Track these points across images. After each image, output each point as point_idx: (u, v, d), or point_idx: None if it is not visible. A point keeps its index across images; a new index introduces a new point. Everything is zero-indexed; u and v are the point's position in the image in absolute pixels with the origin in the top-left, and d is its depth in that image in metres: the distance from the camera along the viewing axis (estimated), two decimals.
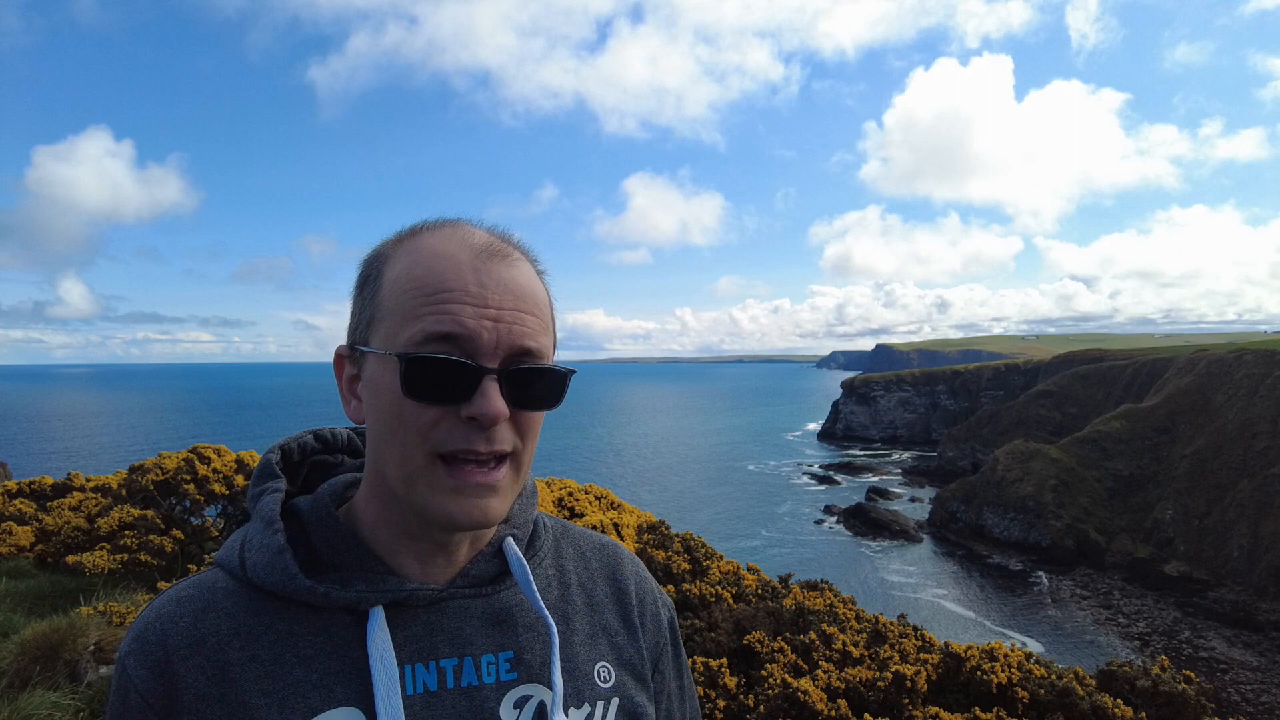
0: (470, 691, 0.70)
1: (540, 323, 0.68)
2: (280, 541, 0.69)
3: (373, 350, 0.67)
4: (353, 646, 0.67)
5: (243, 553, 0.70)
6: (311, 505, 0.74)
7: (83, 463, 48.92)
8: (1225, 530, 31.47)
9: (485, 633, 0.73)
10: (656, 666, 0.85)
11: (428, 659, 0.69)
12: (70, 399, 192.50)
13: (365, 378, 0.68)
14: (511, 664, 0.72)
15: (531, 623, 0.75)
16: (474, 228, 0.70)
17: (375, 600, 0.68)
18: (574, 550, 0.85)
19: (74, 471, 8.28)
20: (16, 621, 4.31)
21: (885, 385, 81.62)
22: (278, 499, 0.73)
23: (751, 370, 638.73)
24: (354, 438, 0.85)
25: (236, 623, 0.67)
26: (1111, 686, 4.86)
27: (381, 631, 0.67)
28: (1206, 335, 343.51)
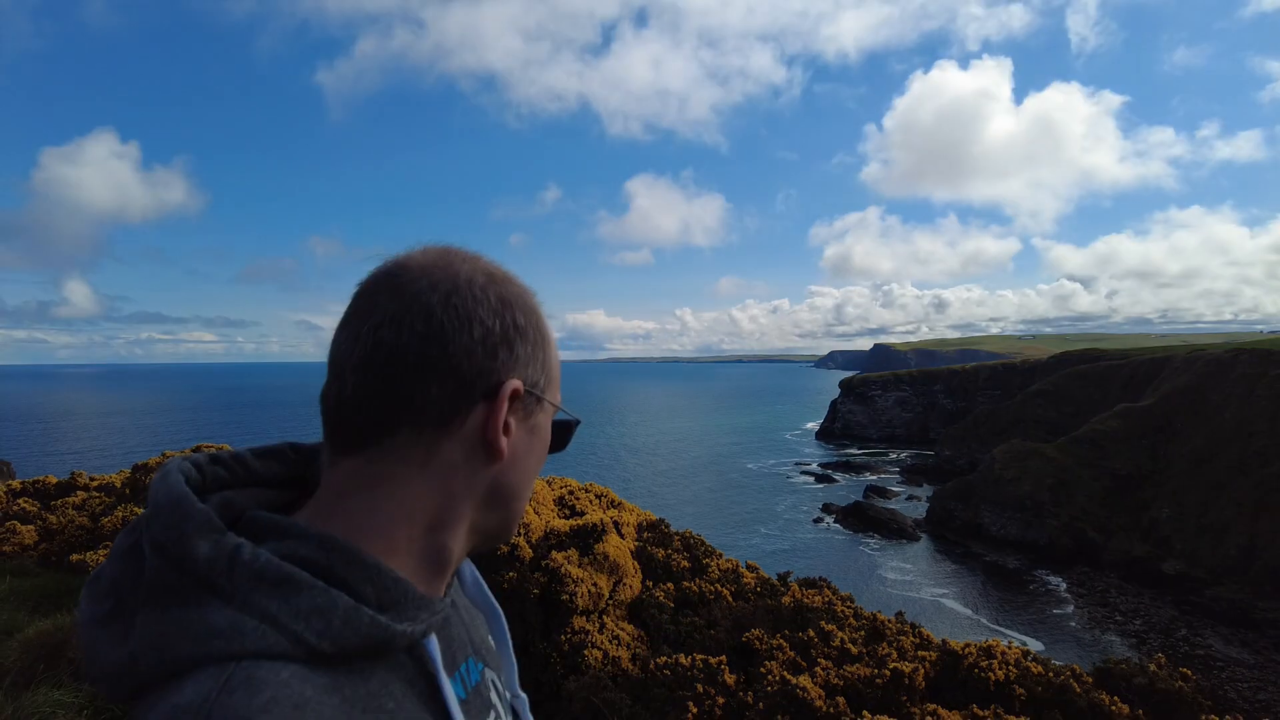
0: (479, 688, 0.75)
1: None
2: (345, 599, 0.59)
3: (551, 402, 0.77)
4: (416, 680, 0.65)
5: (283, 626, 0.57)
6: (325, 549, 0.62)
7: (86, 462, 48.84)
8: (1222, 529, 31.52)
9: (468, 631, 0.79)
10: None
11: (452, 670, 0.72)
12: (74, 399, 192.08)
13: (534, 424, 0.75)
14: (475, 655, 0.78)
15: (471, 613, 0.82)
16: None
17: (433, 626, 0.67)
18: None
19: (77, 471, 8.29)
20: (20, 620, 4.33)
21: (883, 385, 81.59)
22: (273, 555, 0.59)
23: (751, 370, 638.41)
24: (196, 471, 0.67)
25: (333, 707, 0.57)
26: (1108, 684, 4.89)
27: (438, 658, 0.66)
28: (1203, 335, 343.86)
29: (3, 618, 4.38)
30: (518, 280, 0.75)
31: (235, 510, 0.65)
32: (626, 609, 6.14)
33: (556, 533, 6.69)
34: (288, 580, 0.58)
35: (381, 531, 0.65)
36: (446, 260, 0.70)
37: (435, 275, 0.68)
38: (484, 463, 0.69)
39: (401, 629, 0.62)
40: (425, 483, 0.67)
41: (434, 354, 0.65)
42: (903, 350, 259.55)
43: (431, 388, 0.65)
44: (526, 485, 0.75)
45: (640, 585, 6.42)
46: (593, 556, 6.16)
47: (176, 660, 0.55)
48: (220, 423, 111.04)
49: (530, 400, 0.72)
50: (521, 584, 5.84)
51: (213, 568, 0.57)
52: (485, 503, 0.71)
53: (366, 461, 0.66)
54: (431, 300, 0.66)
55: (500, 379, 0.68)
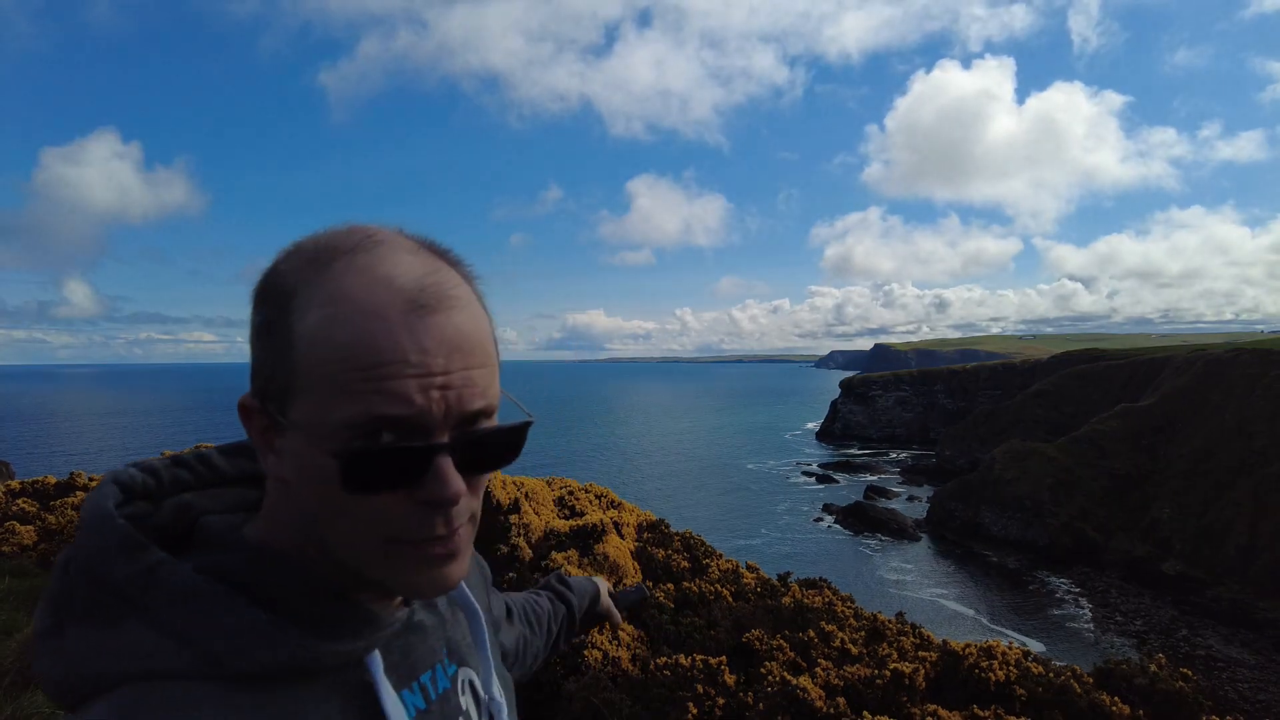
0: (446, 696, 0.71)
1: (489, 371, 0.58)
2: (260, 614, 0.55)
3: (294, 427, 0.54)
4: (354, 696, 0.61)
5: (194, 645, 0.54)
6: (251, 562, 0.59)
7: (86, 462, 48.83)
8: (1222, 529, 31.53)
9: (436, 637, 0.74)
10: (495, 604, 0.98)
11: (410, 681, 0.68)
12: (73, 399, 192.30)
13: (289, 449, 0.56)
14: (450, 656, 0.75)
15: (451, 613, 0.78)
16: (397, 251, 0.57)
17: (375, 643, 0.62)
18: None
19: (77, 471, 8.30)
20: (20, 620, 4.32)
21: (883, 385, 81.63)
22: (189, 570, 0.55)
23: (751, 370, 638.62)
24: (145, 478, 0.64)
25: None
26: (1109, 684, 4.89)
27: (381, 674, 0.63)
28: (1204, 335, 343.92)
29: (2, 618, 4.38)
30: (322, 239, 0.57)
31: (193, 514, 0.63)
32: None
33: (556, 533, 6.70)
34: (206, 598, 0.54)
35: (287, 545, 0.60)
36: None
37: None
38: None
39: (332, 648, 0.58)
40: (292, 516, 0.61)
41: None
42: (903, 350, 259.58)
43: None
44: (329, 530, 0.57)
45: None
46: (592, 557, 6.16)
47: (99, 677, 0.53)
48: (220, 423, 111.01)
49: (273, 420, 0.56)
50: (521, 585, 5.84)
51: (131, 585, 0.54)
52: (301, 531, 0.60)
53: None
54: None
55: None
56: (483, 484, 0.61)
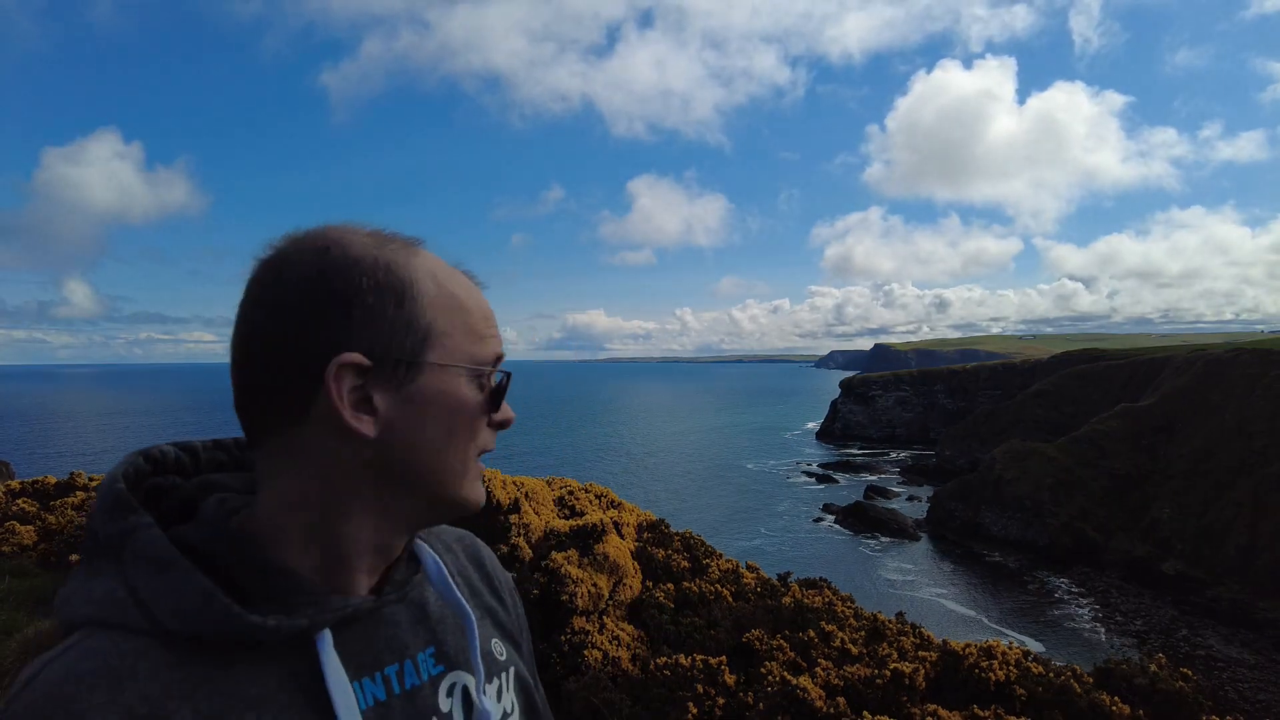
0: (413, 692, 0.72)
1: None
2: (203, 582, 0.60)
3: (438, 363, 0.67)
4: (301, 675, 0.64)
5: (143, 603, 0.60)
6: (221, 535, 0.65)
7: (85, 462, 48.84)
8: (1222, 529, 31.51)
9: (413, 632, 0.75)
10: (521, 630, 0.94)
11: (373, 670, 0.69)
12: (73, 399, 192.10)
13: (417, 391, 0.66)
14: (436, 657, 0.76)
15: (441, 615, 0.78)
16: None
17: (324, 623, 0.65)
18: (442, 544, 0.89)
19: (77, 471, 8.29)
20: (19, 620, 4.33)
21: (883, 385, 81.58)
22: (159, 535, 0.62)
23: (751, 370, 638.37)
24: (181, 455, 0.74)
25: (165, 684, 0.58)
26: (1109, 684, 4.89)
27: (333, 654, 0.65)
28: (1204, 335, 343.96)
29: (2, 618, 4.38)
30: (375, 238, 0.68)
31: (212, 490, 0.71)
32: (626, 609, 6.14)
33: (556, 533, 6.69)
34: (162, 560, 0.60)
35: (277, 523, 0.66)
36: (304, 234, 0.67)
37: (276, 256, 0.66)
38: (356, 446, 0.65)
39: (266, 622, 0.60)
40: (302, 474, 0.65)
41: (257, 346, 0.65)
42: (903, 350, 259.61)
43: (273, 377, 0.64)
44: (439, 461, 0.68)
45: (640, 586, 6.41)
46: (592, 557, 6.16)
47: (71, 621, 0.61)
48: (220, 422, 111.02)
49: (391, 368, 0.65)
50: (521, 584, 5.84)
51: (111, 542, 0.62)
52: (388, 488, 0.67)
53: (263, 455, 0.67)
54: (255, 290, 0.65)
55: (327, 354, 0.63)
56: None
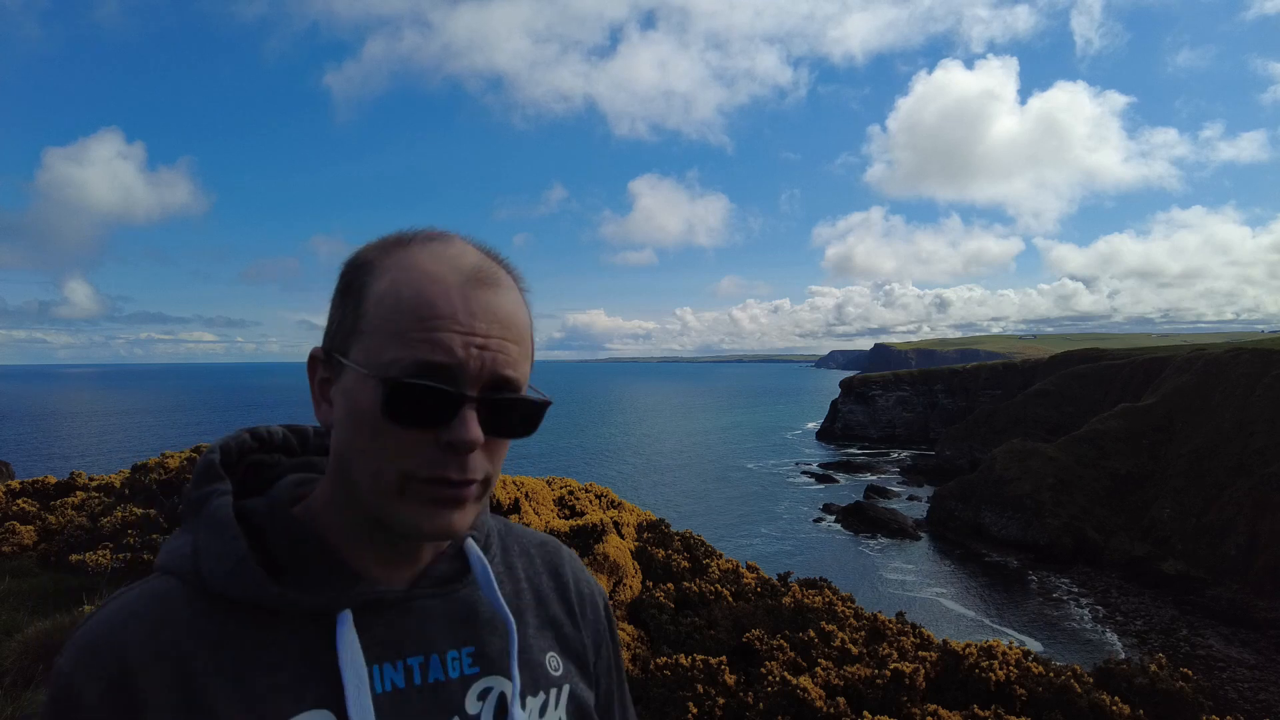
0: (436, 687, 0.72)
1: (521, 350, 0.69)
2: (242, 548, 0.67)
3: (351, 365, 0.66)
4: (320, 650, 0.67)
5: (197, 560, 0.68)
6: (269, 509, 0.73)
7: (86, 462, 48.84)
8: (1222, 528, 31.50)
9: (448, 630, 0.75)
10: (598, 653, 0.89)
11: (395, 658, 0.71)
12: (73, 399, 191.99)
13: (341, 388, 0.67)
14: (473, 658, 0.75)
15: (489, 618, 0.77)
16: (465, 244, 0.71)
17: (345, 603, 0.69)
18: (519, 548, 0.88)
19: (77, 471, 8.29)
20: (20, 620, 4.33)
21: (884, 385, 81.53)
22: (227, 502, 0.71)
23: (751, 370, 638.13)
24: (289, 436, 0.83)
25: (198, 633, 0.66)
26: (1109, 684, 4.89)
27: (350, 633, 0.68)
28: (1204, 335, 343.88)
29: (2, 618, 4.38)
30: (394, 236, 0.71)
31: (311, 470, 0.81)
32: (626, 609, 6.13)
33: (556, 533, 6.69)
34: (220, 524, 0.69)
35: (319, 506, 0.73)
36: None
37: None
38: (332, 438, 0.71)
39: (287, 594, 0.67)
40: (332, 463, 0.71)
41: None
42: (903, 350, 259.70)
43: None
44: (356, 468, 0.67)
45: (640, 585, 6.41)
46: (592, 557, 6.15)
47: (154, 565, 0.72)
48: (220, 422, 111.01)
49: (332, 363, 0.69)
50: None
51: (193, 504, 0.73)
52: (341, 480, 0.70)
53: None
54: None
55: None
56: (501, 451, 0.70)
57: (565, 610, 0.87)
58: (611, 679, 0.92)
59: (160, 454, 6.72)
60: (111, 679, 0.63)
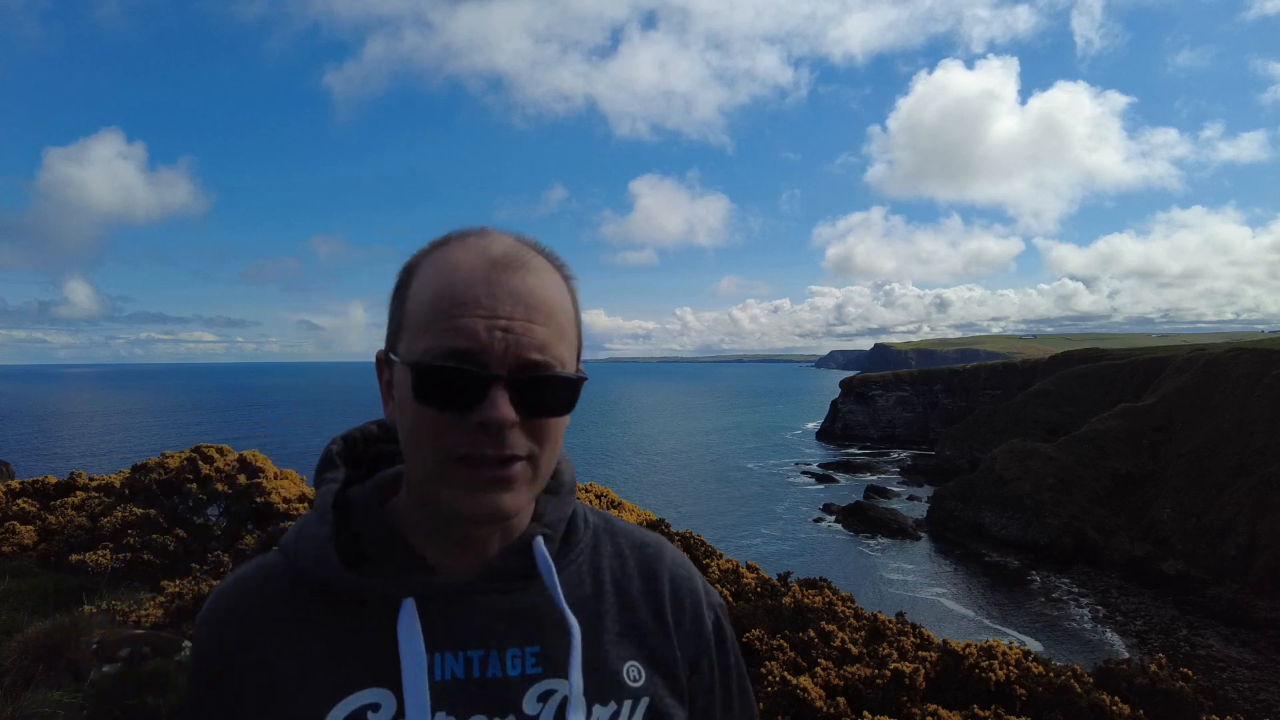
0: (495, 683, 0.72)
1: (552, 331, 0.69)
2: (326, 532, 0.74)
3: (397, 360, 0.70)
4: (388, 634, 0.71)
5: (297, 540, 0.76)
6: (359, 497, 0.78)
7: (86, 462, 48.78)
8: (1222, 528, 31.50)
9: (512, 627, 0.75)
10: (695, 669, 0.83)
11: (456, 649, 0.73)
12: (73, 399, 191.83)
13: (394, 383, 0.71)
14: (537, 658, 0.74)
15: (559, 619, 0.75)
16: (500, 235, 0.73)
17: (407, 591, 0.72)
18: (613, 548, 0.85)
19: (77, 471, 8.27)
20: (20, 620, 4.32)
21: (884, 385, 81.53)
22: (333, 489, 0.78)
23: (751, 370, 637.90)
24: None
25: (282, 606, 0.74)
26: (1109, 684, 4.88)
27: (411, 620, 0.71)
28: (1204, 335, 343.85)
29: (2, 618, 4.37)
30: (452, 238, 0.74)
31: (388, 458, 0.86)
32: None
33: None
34: (321, 508, 0.76)
35: (402, 497, 0.78)
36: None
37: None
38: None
39: (361, 582, 0.72)
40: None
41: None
42: (903, 350, 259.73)
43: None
44: (411, 444, 0.70)
45: None
46: None
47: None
48: (220, 422, 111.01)
49: (389, 362, 0.73)
50: None
51: (316, 489, 0.80)
52: (406, 471, 0.76)
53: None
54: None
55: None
56: (544, 431, 0.70)
57: (655, 618, 0.82)
58: (713, 701, 0.86)
59: (160, 454, 6.71)
60: (214, 636, 0.75)
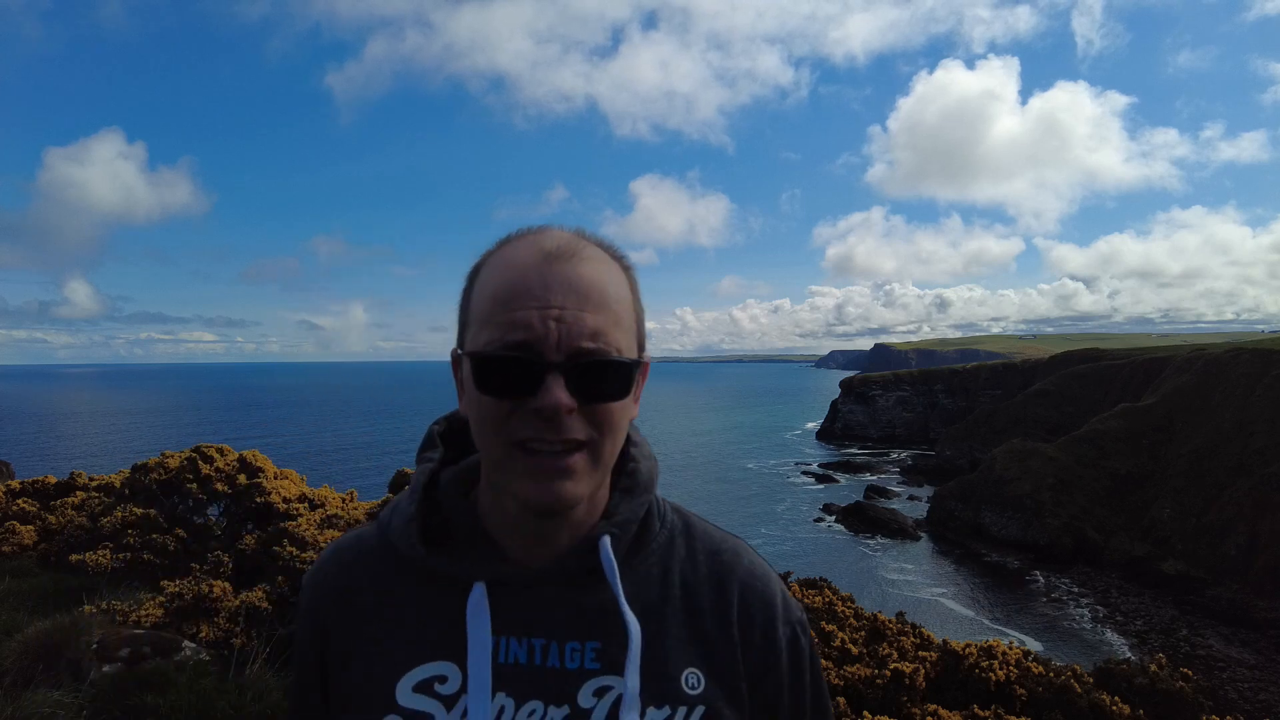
0: (554, 672, 0.75)
1: (606, 317, 0.71)
2: (413, 511, 0.80)
3: (464, 354, 0.74)
4: (460, 614, 0.75)
5: (391, 516, 0.82)
6: (447, 479, 0.83)
7: (86, 462, 48.73)
8: (1222, 528, 31.49)
9: (576, 621, 0.77)
10: (759, 683, 0.81)
11: (521, 635, 0.76)
12: (73, 399, 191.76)
13: (463, 377, 0.75)
14: (597, 654, 0.76)
15: (622, 620, 0.75)
16: (558, 230, 0.76)
17: (478, 575, 0.76)
18: (687, 551, 0.84)
19: (77, 471, 8.28)
20: (20, 620, 4.31)
21: (884, 385, 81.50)
22: (428, 469, 0.83)
23: (751, 370, 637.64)
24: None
25: (372, 577, 0.81)
26: (1109, 684, 4.88)
27: (481, 603, 0.75)
28: (1204, 335, 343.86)
29: (2, 618, 4.37)
30: (513, 237, 0.77)
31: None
32: None
33: None
34: (414, 487, 0.82)
35: (484, 484, 0.81)
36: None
37: None
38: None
39: (435, 561, 0.77)
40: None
41: None
42: (903, 350, 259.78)
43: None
44: (479, 433, 0.74)
45: None
46: None
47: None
48: (220, 422, 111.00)
49: (460, 358, 0.77)
50: None
51: (413, 475, 0.85)
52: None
53: None
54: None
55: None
56: (603, 417, 0.71)
57: (720, 627, 0.80)
58: (779, 717, 0.84)
59: (160, 454, 6.70)
60: (312, 601, 0.83)
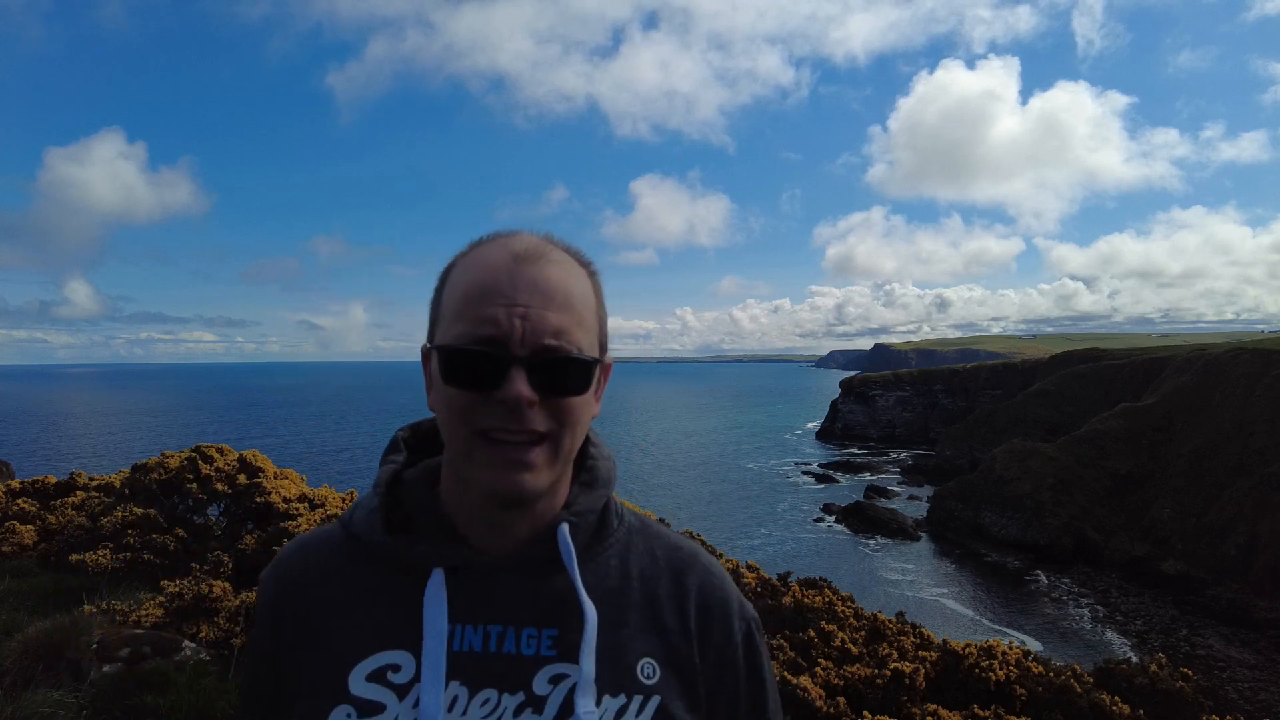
0: (509, 659, 0.77)
1: (569, 317, 0.75)
2: (376, 504, 0.83)
3: (432, 348, 0.78)
4: (418, 602, 0.77)
5: (353, 510, 0.85)
6: (411, 475, 0.86)
7: (86, 462, 48.74)
8: (1222, 528, 31.49)
9: (533, 608, 0.79)
10: (718, 679, 0.84)
11: (477, 622, 0.78)
12: (73, 399, 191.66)
13: (431, 370, 0.79)
14: (554, 641, 0.78)
15: (579, 606, 0.78)
16: (528, 235, 0.80)
17: (436, 562, 0.78)
18: (645, 547, 0.87)
19: (77, 471, 8.28)
20: (20, 620, 4.31)
21: (884, 385, 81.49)
22: (391, 469, 0.86)
23: (751, 370, 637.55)
24: None
25: (332, 566, 0.83)
26: (1109, 684, 4.88)
27: (438, 590, 0.77)
28: (1204, 335, 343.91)
29: (2, 618, 4.37)
30: (485, 239, 0.81)
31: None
32: None
33: None
34: (378, 483, 0.85)
35: (445, 475, 0.84)
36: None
37: None
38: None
39: (395, 546, 0.79)
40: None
41: None
42: (903, 350, 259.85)
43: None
44: (445, 423, 0.77)
45: None
46: None
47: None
48: (220, 422, 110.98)
49: (425, 360, 0.81)
50: None
51: (377, 475, 0.87)
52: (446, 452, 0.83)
53: None
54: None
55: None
56: (563, 411, 0.75)
57: (678, 620, 0.83)
58: (736, 712, 0.86)
59: (160, 454, 6.70)
60: (270, 591, 0.85)
